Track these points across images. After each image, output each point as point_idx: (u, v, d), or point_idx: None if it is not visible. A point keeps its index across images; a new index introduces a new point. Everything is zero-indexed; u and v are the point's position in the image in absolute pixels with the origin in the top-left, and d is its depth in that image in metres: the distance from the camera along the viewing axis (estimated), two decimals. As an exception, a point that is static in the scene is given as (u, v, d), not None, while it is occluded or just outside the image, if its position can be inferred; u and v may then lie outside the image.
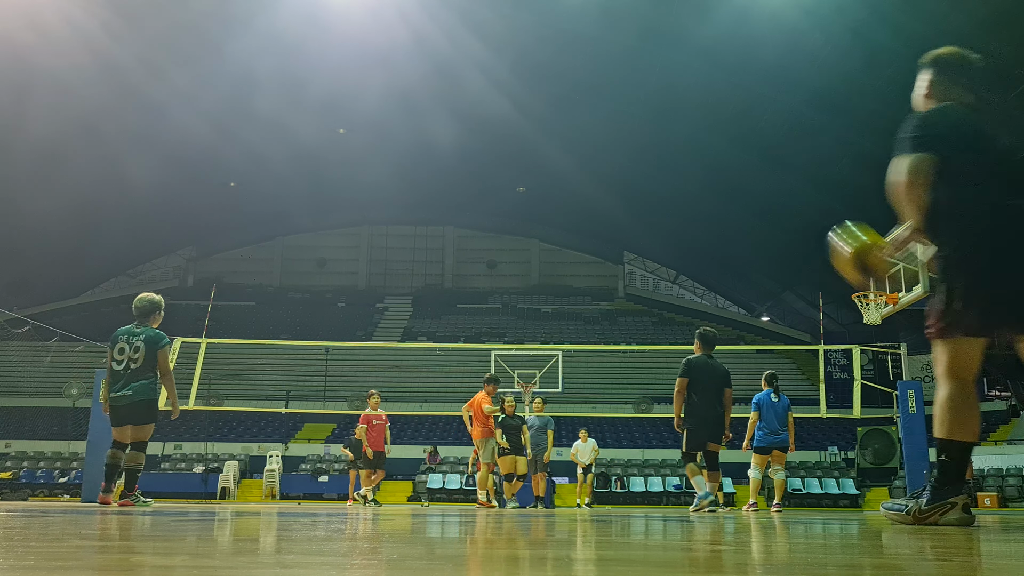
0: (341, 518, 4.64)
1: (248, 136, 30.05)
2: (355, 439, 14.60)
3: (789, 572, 1.52)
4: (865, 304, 10.84)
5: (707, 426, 7.90)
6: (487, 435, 11.03)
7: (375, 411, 13.29)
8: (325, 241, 46.44)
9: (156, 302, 7.64)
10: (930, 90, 3.84)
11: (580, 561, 1.77)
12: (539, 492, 13.39)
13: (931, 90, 3.84)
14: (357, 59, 26.00)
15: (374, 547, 2.14)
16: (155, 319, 7.62)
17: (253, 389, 32.86)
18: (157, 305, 7.63)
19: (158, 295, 7.78)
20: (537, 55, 26.43)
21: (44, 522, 3.30)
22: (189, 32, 25.79)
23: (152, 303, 7.60)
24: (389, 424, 13.47)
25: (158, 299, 7.69)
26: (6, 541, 2.11)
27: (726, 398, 7.95)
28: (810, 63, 23.04)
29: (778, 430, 9.98)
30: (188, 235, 44.01)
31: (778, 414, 10.03)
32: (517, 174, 37.30)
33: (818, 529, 3.78)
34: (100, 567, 1.49)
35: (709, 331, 8.34)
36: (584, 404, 28.28)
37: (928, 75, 3.84)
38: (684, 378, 7.96)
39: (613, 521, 4.57)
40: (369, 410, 13.28)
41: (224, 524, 3.57)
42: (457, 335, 38.89)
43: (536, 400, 13.92)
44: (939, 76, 3.82)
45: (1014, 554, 2.12)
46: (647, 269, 46.58)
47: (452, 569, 1.51)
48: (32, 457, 26.50)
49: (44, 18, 23.06)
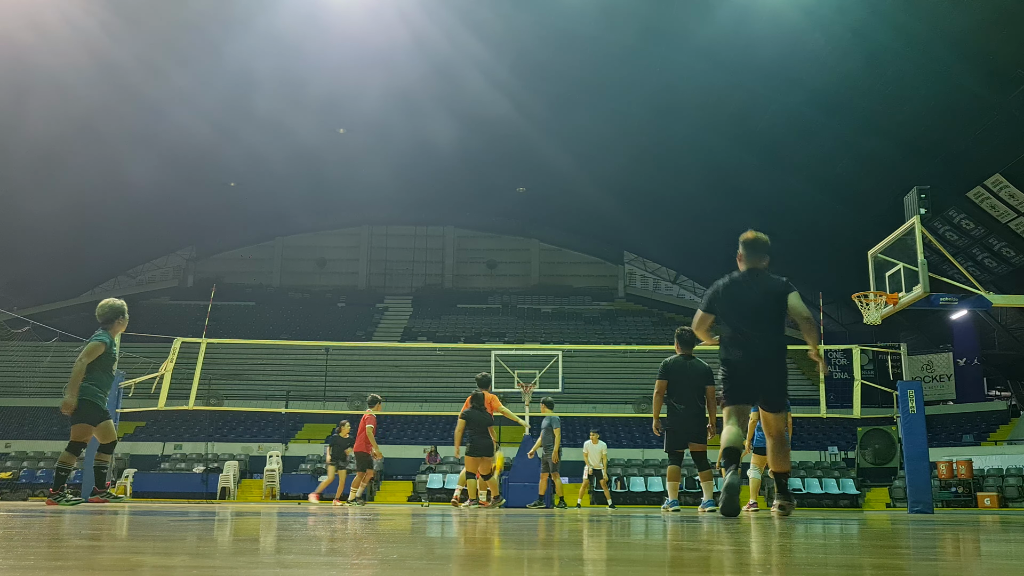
0: (341, 518, 4.63)
1: (248, 136, 30.03)
2: (340, 437, 14.64)
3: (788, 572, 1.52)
4: (865, 304, 10.83)
5: (687, 426, 7.91)
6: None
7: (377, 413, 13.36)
8: (325, 241, 46.43)
9: (117, 307, 7.65)
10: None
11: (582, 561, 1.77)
12: (555, 492, 13.44)
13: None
14: (357, 59, 25.98)
15: (374, 547, 2.14)
16: (117, 324, 7.62)
17: (253, 389, 32.86)
18: (119, 311, 7.63)
19: (120, 300, 7.78)
20: (537, 55, 26.42)
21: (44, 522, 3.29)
22: (189, 32, 25.77)
23: (112, 308, 7.61)
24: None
25: (119, 304, 7.70)
26: (6, 541, 2.11)
27: (708, 396, 7.91)
28: (810, 63, 23.03)
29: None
30: (188, 235, 43.99)
31: None
32: (517, 174, 37.29)
33: (818, 529, 3.78)
34: (100, 567, 1.49)
35: (686, 331, 8.07)
36: (584, 404, 28.27)
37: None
38: (662, 380, 8.00)
39: (613, 521, 4.57)
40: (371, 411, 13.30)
41: (224, 524, 3.57)
42: (457, 335, 38.88)
43: (542, 402, 13.90)
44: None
45: (1014, 554, 2.12)
46: (647, 269, 46.56)
47: (452, 569, 1.51)
48: (32, 457, 26.48)
49: (44, 18, 23.05)
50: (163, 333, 16.14)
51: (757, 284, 5.85)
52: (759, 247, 5.93)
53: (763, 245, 5.94)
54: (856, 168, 26.61)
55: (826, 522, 5.33)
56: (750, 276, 5.90)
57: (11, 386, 32.22)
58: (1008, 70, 20.65)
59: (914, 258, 9.61)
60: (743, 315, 5.78)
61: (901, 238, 10.06)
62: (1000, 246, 25.86)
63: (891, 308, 10.36)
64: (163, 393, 12.75)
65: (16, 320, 25.28)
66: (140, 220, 36.00)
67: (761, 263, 5.92)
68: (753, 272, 5.91)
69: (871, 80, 22.82)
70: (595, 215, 39.31)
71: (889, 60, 22.04)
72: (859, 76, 22.94)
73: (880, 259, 10.62)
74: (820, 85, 23.71)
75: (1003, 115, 21.82)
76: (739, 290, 5.86)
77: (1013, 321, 31.84)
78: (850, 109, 24.46)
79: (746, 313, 5.77)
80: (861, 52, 22.15)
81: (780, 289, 5.78)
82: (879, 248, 10.67)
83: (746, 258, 5.96)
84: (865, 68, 22.57)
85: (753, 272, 5.91)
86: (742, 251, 5.98)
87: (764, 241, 5.96)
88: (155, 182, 30.93)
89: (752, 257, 5.94)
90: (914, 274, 9.60)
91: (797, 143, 26.97)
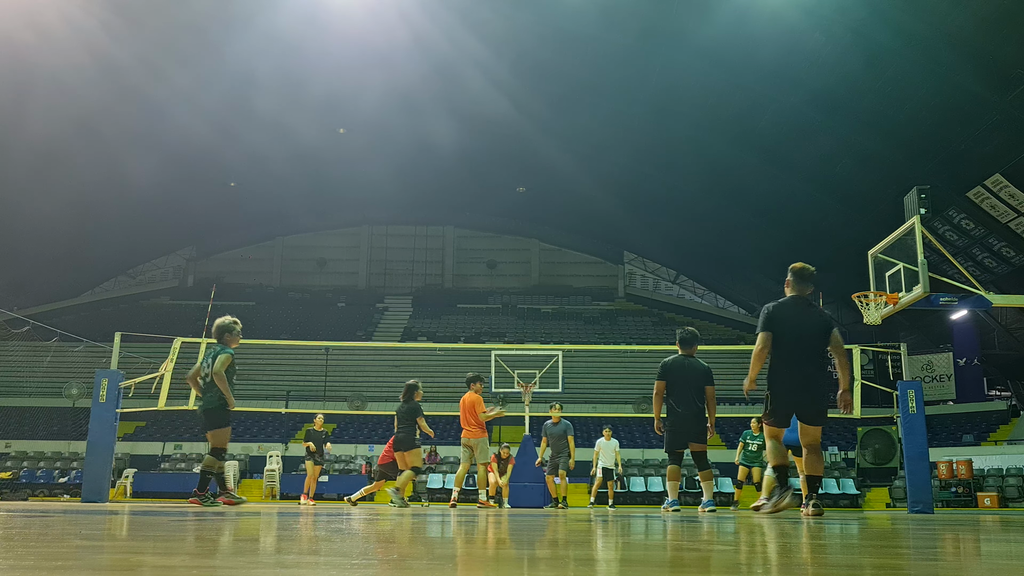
0: (341, 518, 4.63)
1: (248, 136, 30.04)
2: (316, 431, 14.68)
3: (788, 572, 1.52)
4: (865, 304, 10.82)
5: (686, 426, 7.90)
6: (482, 435, 11.04)
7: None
8: (325, 241, 46.43)
9: (222, 325, 8.49)
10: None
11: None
12: (556, 494, 13.44)
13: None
14: (357, 59, 25.98)
15: (374, 547, 2.13)
16: (228, 338, 8.46)
17: (253, 389, 32.85)
18: (224, 328, 8.46)
19: (226, 318, 8.61)
20: (537, 55, 26.42)
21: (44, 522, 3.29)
22: (189, 32, 25.78)
23: (218, 327, 8.46)
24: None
25: (224, 323, 8.52)
26: (6, 541, 2.11)
27: (708, 396, 7.91)
28: (810, 63, 23.02)
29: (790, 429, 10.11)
30: (188, 235, 44.00)
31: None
32: (517, 174, 37.29)
33: (818, 529, 3.78)
34: (100, 567, 1.49)
35: (687, 331, 8.41)
36: (584, 404, 28.25)
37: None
38: (661, 381, 8.02)
39: (613, 521, 4.57)
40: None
41: (224, 524, 3.57)
42: (457, 335, 38.87)
43: (553, 407, 13.81)
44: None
45: (1014, 554, 2.12)
46: (647, 269, 46.57)
47: (452, 569, 1.51)
48: (32, 457, 26.48)
49: (44, 18, 23.05)
50: (163, 333, 16.13)
51: (807, 312, 6.38)
52: (806, 277, 6.47)
53: (810, 275, 6.50)
54: (856, 168, 26.60)
55: (826, 522, 5.33)
56: (800, 303, 6.40)
57: (11, 386, 32.23)
58: (1008, 70, 20.64)
59: (914, 258, 9.60)
60: (795, 339, 6.20)
61: (901, 238, 10.05)
62: (1000, 246, 25.85)
63: (891, 308, 10.35)
64: (163, 393, 12.74)
65: (16, 320, 25.29)
66: (140, 220, 36.00)
67: (806, 291, 6.47)
68: (802, 300, 6.43)
69: (871, 80, 22.81)
70: (595, 215, 39.32)
71: (889, 60, 22.03)
72: (859, 76, 22.93)
73: (880, 259, 10.61)
74: (820, 85, 23.70)
75: (1003, 115, 21.81)
76: (790, 314, 6.31)
77: (1013, 321, 31.83)
78: (850, 109, 24.45)
79: (797, 337, 6.20)
80: (861, 52, 22.14)
81: (827, 321, 6.44)
82: (879, 248, 10.66)
83: (794, 284, 6.48)
84: (865, 68, 22.56)
85: (802, 300, 6.43)
86: (791, 278, 6.51)
87: (811, 272, 6.53)
88: (155, 182, 30.93)
89: (800, 285, 6.46)
90: (914, 274, 9.59)
91: (797, 143, 26.96)
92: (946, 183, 23.96)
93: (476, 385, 11.14)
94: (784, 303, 6.40)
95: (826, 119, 25.34)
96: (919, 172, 23.23)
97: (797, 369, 6.17)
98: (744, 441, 13.74)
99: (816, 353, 6.24)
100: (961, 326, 32.39)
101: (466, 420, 11.02)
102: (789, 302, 6.40)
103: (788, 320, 6.24)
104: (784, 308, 6.34)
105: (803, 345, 6.21)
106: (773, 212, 32.39)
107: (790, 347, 6.19)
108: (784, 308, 6.34)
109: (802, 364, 6.18)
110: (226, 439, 8.37)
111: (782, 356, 6.19)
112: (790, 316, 6.27)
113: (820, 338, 6.24)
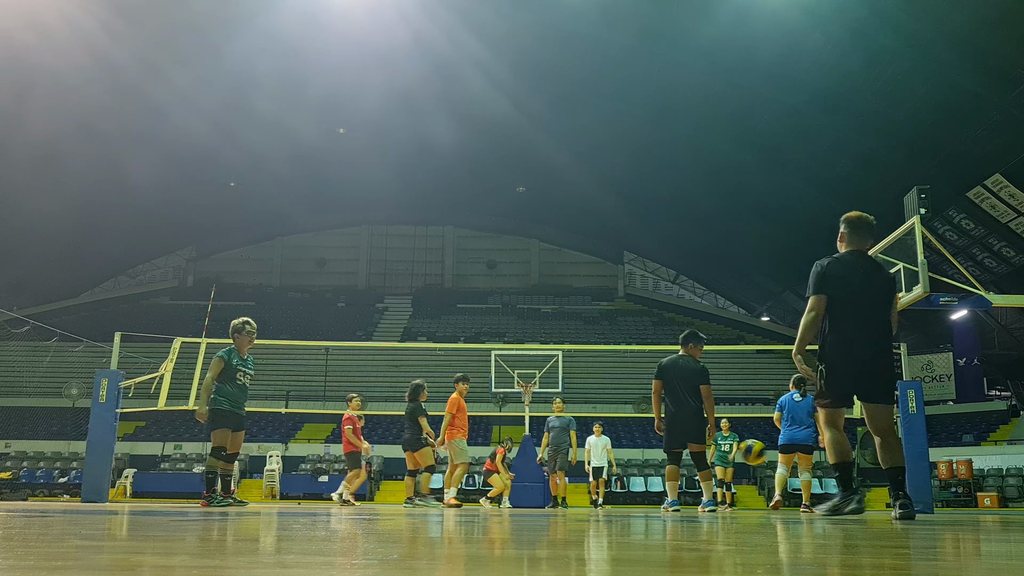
0: (341, 518, 4.64)
1: (248, 136, 30.04)
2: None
3: (788, 572, 1.52)
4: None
5: (684, 426, 7.89)
6: (456, 435, 11.12)
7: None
8: (325, 241, 46.44)
9: (233, 326, 8.72)
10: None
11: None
12: (558, 492, 13.46)
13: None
14: (357, 59, 25.99)
15: (374, 547, 2.14)
16: (237, 340, 8.66)
17: (253, 389, 32.74)
18: (234, 329, 8.67)
19: (238, 319, 8.84)
20: (537, 55, 26.43)
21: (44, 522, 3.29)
22: (189, 32, 25.78)
23: (231, 328, 8.71)
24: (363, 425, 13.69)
25: (236, 323, 8.76)
26: (6, 541, 2.11)
27: (705, 395, 7.89)
28: (810, 63, 23.03)
29: (798, 427, 10.20)
30: (188, 235, 44.01)
31: (799, 413, 10.25)
32: (517, 174, 37.30)
33: (818, 529, 3.78)
34: (100, 567, 1.49)
35: (687, 332, 8.47)
36: (584, 404, 28.26)
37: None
38: (657, 380, 8.03)
39: (613, 521, 4.57)
40: (349, 411, 13.43)
41: (224, 524, 3.57)
42: (457, 335, 38.87)
43: (556, 401, 13.91)
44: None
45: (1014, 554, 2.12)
46: (647, 269, 46.58)
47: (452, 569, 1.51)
48: (32, 457, 26.48)
49: (44, 18, 23.05)
50: (163, 333, 16.12)
51: (870, 268, 5.20)
52: (864, 227, 5.23)
53: (868, 225, 5.25)
54: (856, 168, 26.61)
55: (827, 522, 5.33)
56: (862, 259, 5.18)
57: (11, 386, 32.22)
58: (1008, 70, 20.66)
59: (914, 258, 9.60)
60: (856, 302, 5.04)
61: (901, 238, 10.05)
62: (1000, 246, 25.86)
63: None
64: (163, 393, 12.73)
65: (16, 320, 25.28)
66: (140, 220, 36.00)
67: (865, 245, 5.25)
68: (862, 255, 5.21)
69: (871, 80, 22.82)
70: (595, 215, 39.32)
71: (889, 60, 22.04)
72: (859, 76, 22.94)
73: (880, 259, 10.62)
74: (820, 85, 23.71)
75: (1003, 115, 21.82)
76: (851, 272, 5.07)
77: (1013, 321, 31.84)
78: (850, 109, 24.46)
79: (859, 300, 5.04)
80: (861, 52, 22.15)
81: (893, 280, 5.32)
82: (879, 248, 10.66)
83: (850, 238, 5.23)
84: (865, 68, 22.57)
85: (862, 255, 5.21)
86: (845, 230, 5.25)
87: (869, 221, 5.26)
88: (155, 182, 30.94)
89: (857, 238, 5.22)
90: (914, 274, 9.59)
91: (797, 143, 26.98)
92: (946, 183, 23.97)
93: (459, 385, 11.21)
94: (841, 258, 5.15)
95: (826, 119, 25.35)
96: (919, 172, 23.24)
97: (860, 338, 5.02)
98: (716, 442, 13.78)
99: (882, 319, 5.07)
100: (961, 326, 32.40)
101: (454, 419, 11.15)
102: (848, 257, 5.15)
103: (848, 279, 5.03)
104: (842, 265, 5.09)
105: (867, 309, 5.04)
106: (773, 212, 32.40)
107: (851, 312, 5.02)
108: (842, 265, 5.09)
109: (867, 331, 5.03)
110: (224, 440, 8.36)
111: (841, 323, 5.01)
112: (850, 274, 5.05)
113: (886, 300, 5.10)
